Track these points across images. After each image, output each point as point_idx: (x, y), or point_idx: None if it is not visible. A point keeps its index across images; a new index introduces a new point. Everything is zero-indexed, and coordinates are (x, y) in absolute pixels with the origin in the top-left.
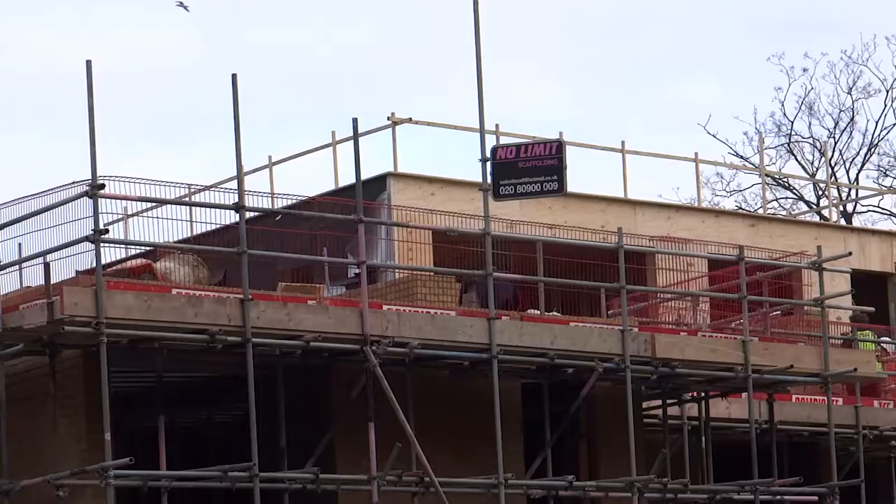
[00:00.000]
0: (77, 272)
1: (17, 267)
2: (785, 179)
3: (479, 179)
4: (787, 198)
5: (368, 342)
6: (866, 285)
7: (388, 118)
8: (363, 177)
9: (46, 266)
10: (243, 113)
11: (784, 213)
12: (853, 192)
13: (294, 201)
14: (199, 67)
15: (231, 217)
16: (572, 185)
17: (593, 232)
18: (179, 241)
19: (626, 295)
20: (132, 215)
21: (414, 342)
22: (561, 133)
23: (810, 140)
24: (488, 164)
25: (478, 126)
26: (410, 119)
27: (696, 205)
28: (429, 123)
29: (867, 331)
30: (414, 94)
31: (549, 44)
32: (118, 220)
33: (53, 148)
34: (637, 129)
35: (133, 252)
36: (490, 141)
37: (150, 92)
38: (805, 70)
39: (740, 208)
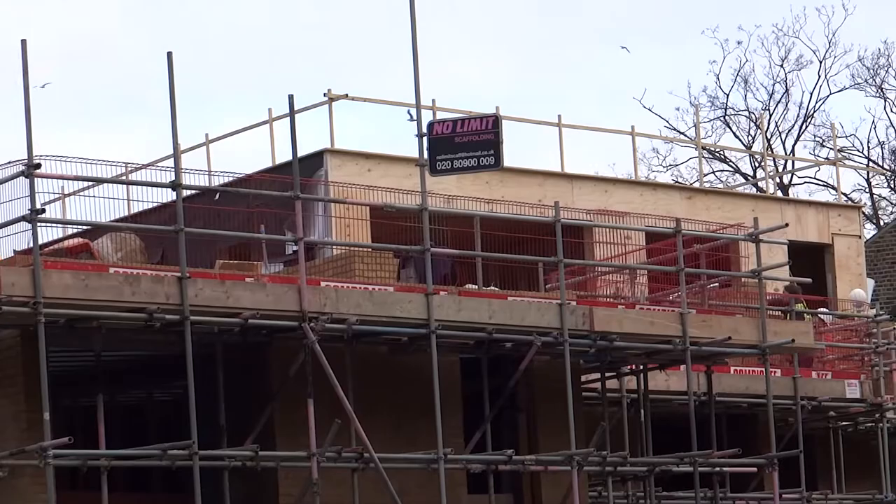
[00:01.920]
0: (15, 252)
1: None
2: (721, 152)
3: (416, 155)
4: (723, 170)
5: (307, 319)
6: (803, 256)
7: (325, 94)
8: (300, 153)
9: None
10: (180, 91)
11: (721, 185)
12: (789, 164)
13: (231, 179)
14: (135, 45)
15: (168, 195)
16: (509, 160)
17: (530, 206)
18: (117, 220)
19: (563, 269)
20: (69, 195)
21: (352, 318)
22: (497, 108)
23: (746, 112)
24: (425, 139)
25: (414, 101)
26: (346, 95)
27: (633, 178)
28: (365, 99)
29: (802, 302)
30: (350, 71)
31: (485, 18)
32: (55, 200)
33: None
34: (574, 103)
35: (70, 231)
36: (426, 116)
37: (86, 70)
38: (739, 43)
39: (677, 182)
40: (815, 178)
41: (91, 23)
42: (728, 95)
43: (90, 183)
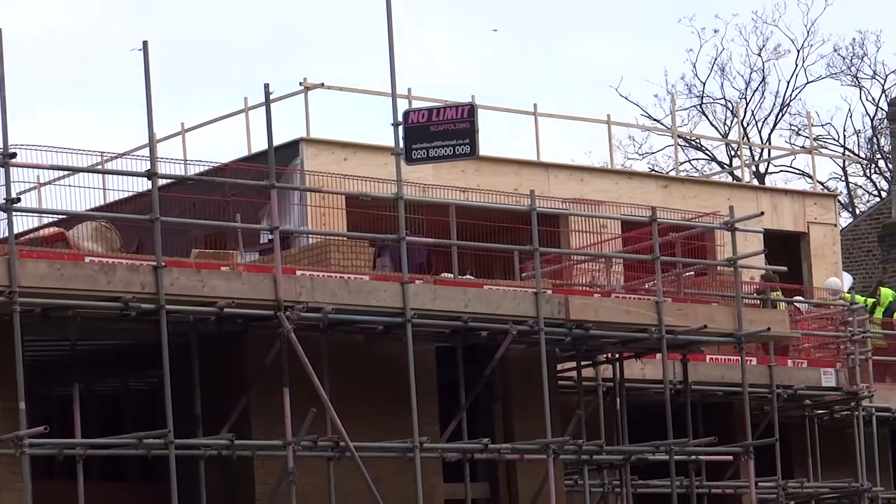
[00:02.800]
0: None
1: None
2: (697, 140)
3: (392, 144)
4: (699, 159)
5: (282, 308)
6: (779, 245)
7: (301, 83)
8: (276, 142)
9: None
10: (155, 79)
11: (696, 174)
12: (765, 152)
13: (207, 168)
14: (111, 33)
15: (144, 184)
16: (485, 149)
17: (506, 195)
18: (92, 209)
19: (539, 257)
20: (45, 184)
21: (328, 307)
22: (473, 96)
23: (722, 101)
24: (400, 128)
25: (390, 90)
26: (323, 84)
27: (608, 167)
28: (341, 88)
29: (778, 290)
30: (327, 60)
31: (461, 7)
32: (31, 189)
33: None
34: (549, 91)
35: (46, 220)
36: (402, 105)
37: (62, 58)
38: (716, 31)
39: (653, 170)
40: (790, 167)
41: (68, 11)
42: (704, 84)
43: (66, 172)
